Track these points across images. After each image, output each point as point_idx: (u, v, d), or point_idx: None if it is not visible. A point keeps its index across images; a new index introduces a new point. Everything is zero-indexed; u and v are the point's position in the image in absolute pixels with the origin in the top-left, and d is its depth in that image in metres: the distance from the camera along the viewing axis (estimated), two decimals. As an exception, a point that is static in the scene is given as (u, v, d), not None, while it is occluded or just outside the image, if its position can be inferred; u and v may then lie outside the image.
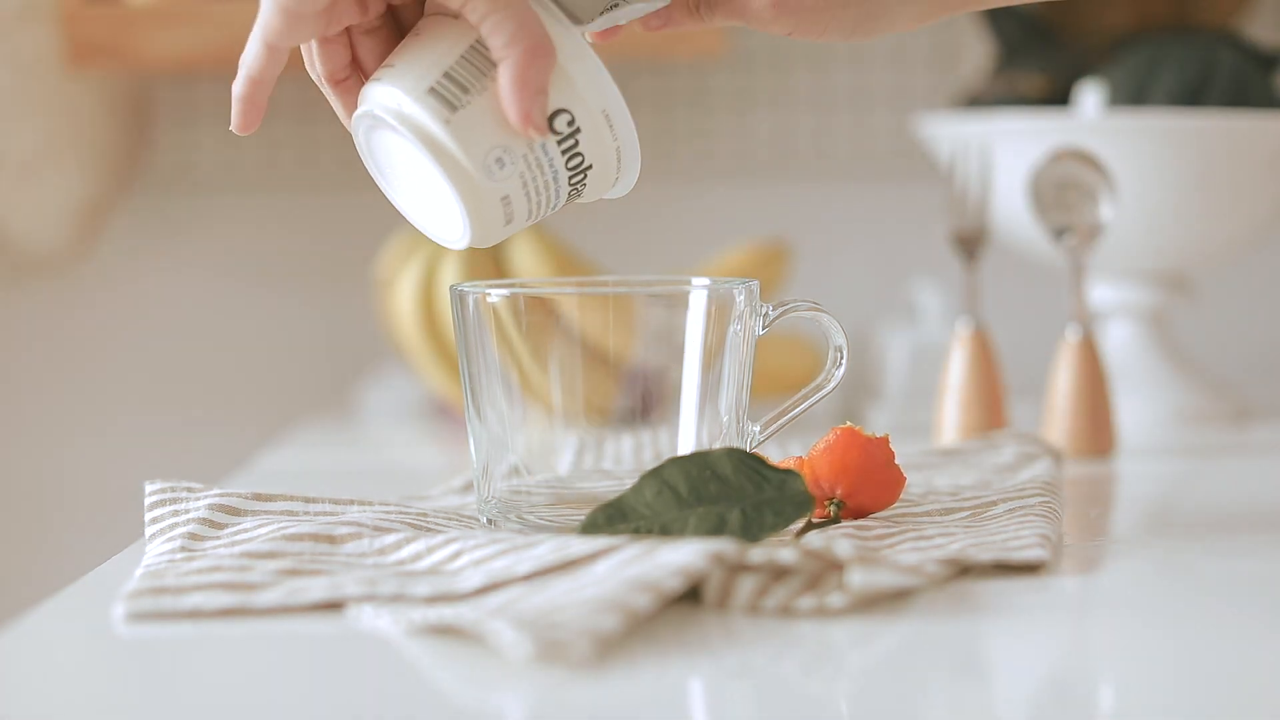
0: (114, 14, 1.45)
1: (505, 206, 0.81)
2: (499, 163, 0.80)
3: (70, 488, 1.65)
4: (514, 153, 0.80)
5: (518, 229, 0.83)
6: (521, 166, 0.81)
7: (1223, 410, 1.35)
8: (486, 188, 0.80)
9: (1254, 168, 1.32)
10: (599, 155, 0.82)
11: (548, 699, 0.66)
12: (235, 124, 0.84)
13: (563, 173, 0.82)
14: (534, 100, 0.79)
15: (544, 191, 0.82)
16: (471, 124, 0.80)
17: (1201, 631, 0.75)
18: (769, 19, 0.86)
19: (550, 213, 0.84)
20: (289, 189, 1.64)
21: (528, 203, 0.82)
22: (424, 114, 0.80)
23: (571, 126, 0.81)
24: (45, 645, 0.75)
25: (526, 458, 0.90)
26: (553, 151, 0.81)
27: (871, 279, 1.62)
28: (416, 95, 0.80)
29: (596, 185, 0.83)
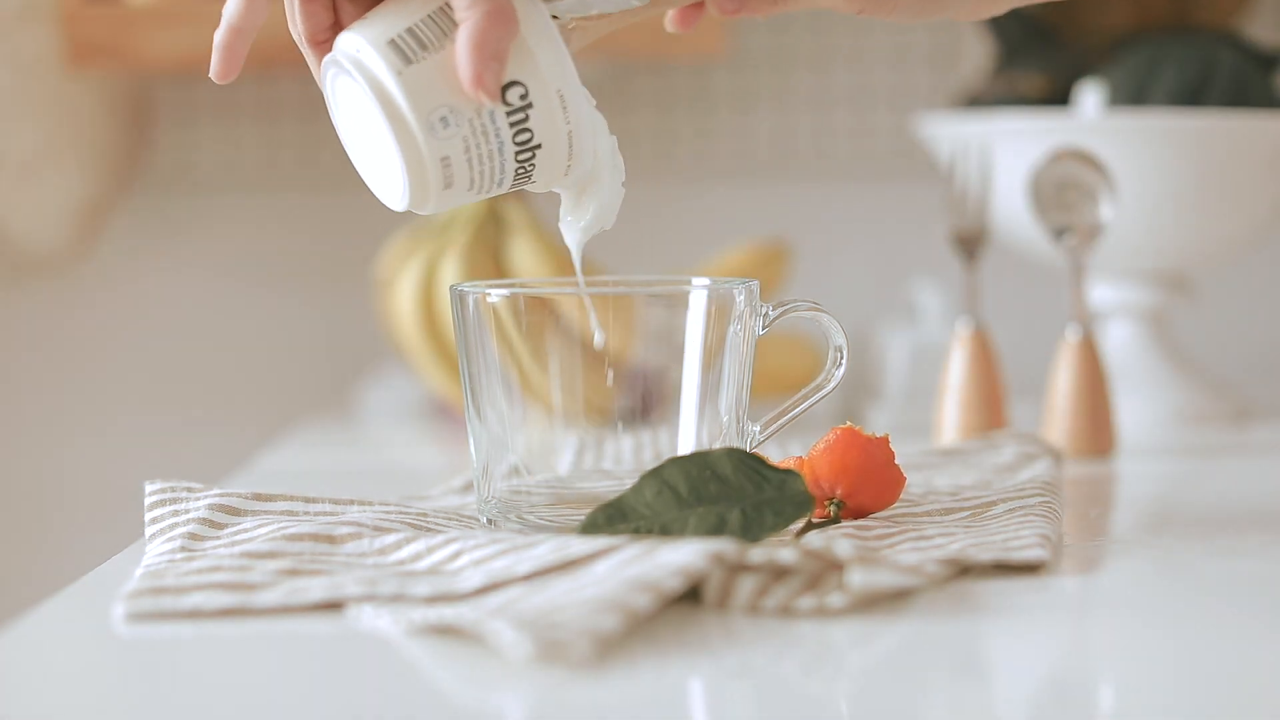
0: (114, 14, 1.45)
1: (445, 168, 0.81)
2: (443, 121, 0.80)
3: (70, 488, 1.65)
4: (460, 115, 0.80)
5: (458, 199, 0.83)
6: (466, 130, 0.80)
7: (1223, 410, 1.35)
8: (428, 144, 0.80)
9: (1254, 168, 1.32)
10: (549, 135, 0.82)
11: (548, 699, 0.66)
12: (214, 71, 0.85)
13: (509, 146, 0.81)
14: (486, 64, 0.79)
15: (488, 162, 0.81)
16: (423, 79, 0.80)
17: (1201, 631, 0.75)
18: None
19: (497, 190, 0.83)
20: (289, 189, 1.64)
21: (469, 170, 0.81)
22: (379, 63, 0.80)
23: (524, 100, 0.81)
24: (45, 645, 0.75)
25: (526, 458, 0.90)
26: (500, 121, 0.81)
27: (871, 279, 1.62)
28: (376, 45, 0.80)
29: (546, 169, 0.83)
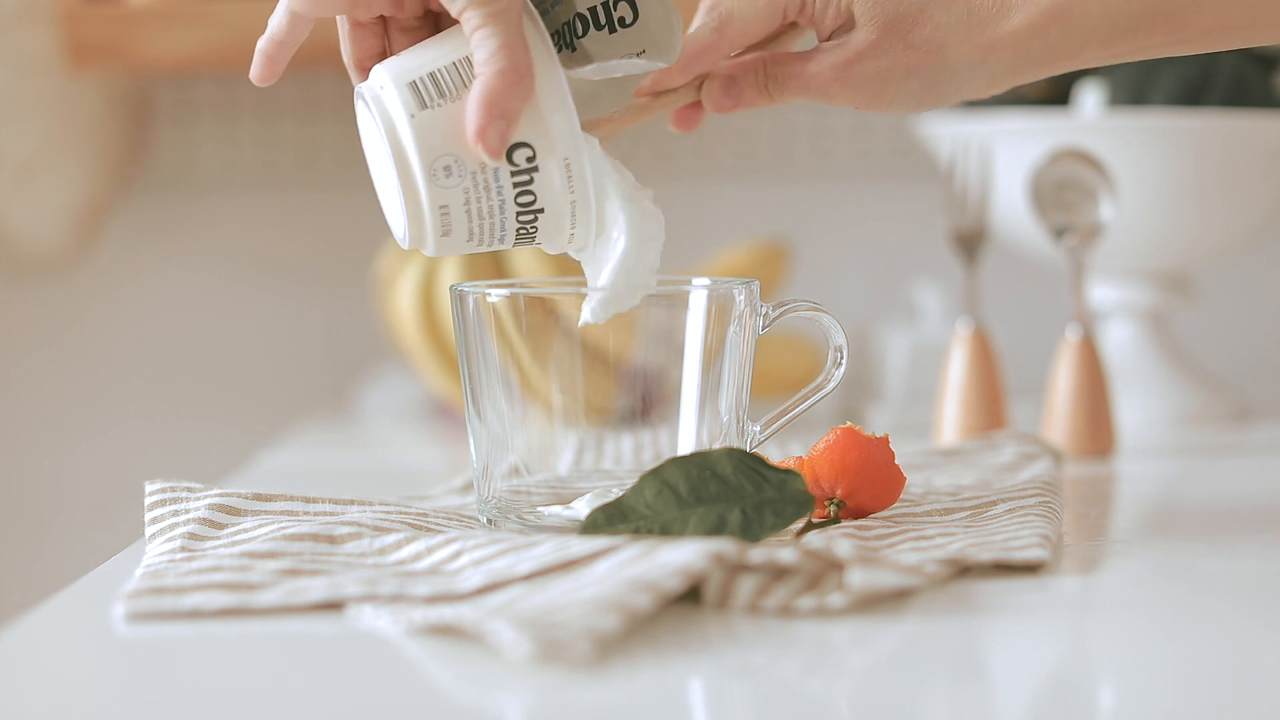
0: (114, 14, 1.45)
1: (442, 216, 0.82)
2: (446, 170, 0.81)
3: (70, 488, 1.65)
4: (464, 167, 0.81)
5: (458, 248, 0.84)
6: (468, 183, 0.81)
7: (1223, 410, 1.35)
8: (428, 190, 0.81)
9: (1254, 168, 1.32)
10: (551, 201, 0.83)
11: (548, 699, 0.66)
12: (254, 74, 0.86)
13: (510, 205, 0.82)
14: (493, 120, 0.80)
15: (487, 217, 0.82)
16: (434, 126, 0.81)
17: (1201, 631, 0.75)
18: (834, 92, 0.87)
19: (498, 245, 0.84)
20: (289, 189, 1.64)
21: (468, 222, 0.82)
22: (397, 103, 0.81)
23: (530, 163, 0.82)
24: (45, 645, 0.75)
25: (526, 458, 0.90)
26: (504, 180, 0.82)
27: (871, 279, 1.62)
28: (398, 85, 0.82)
29: (550, 234, 0.84)
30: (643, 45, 0.87)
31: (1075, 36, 0.86)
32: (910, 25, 0.86)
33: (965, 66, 0.87)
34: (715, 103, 0.90)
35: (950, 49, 0.86)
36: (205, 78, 1.62)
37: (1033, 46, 0.86)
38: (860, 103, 0.88)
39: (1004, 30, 0.86)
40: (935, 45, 0.86)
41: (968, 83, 0.87)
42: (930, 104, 0.88)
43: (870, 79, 0.87)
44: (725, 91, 0.90)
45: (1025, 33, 0.86)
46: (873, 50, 0.86)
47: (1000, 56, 0.86)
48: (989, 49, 0.86)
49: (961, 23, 0.86)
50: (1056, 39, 0.86)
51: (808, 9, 0.88)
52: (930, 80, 0.87)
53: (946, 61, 0.86)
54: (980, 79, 0.87)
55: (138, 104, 1.62)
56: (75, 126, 1.55)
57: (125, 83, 1.59)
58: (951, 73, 0.87)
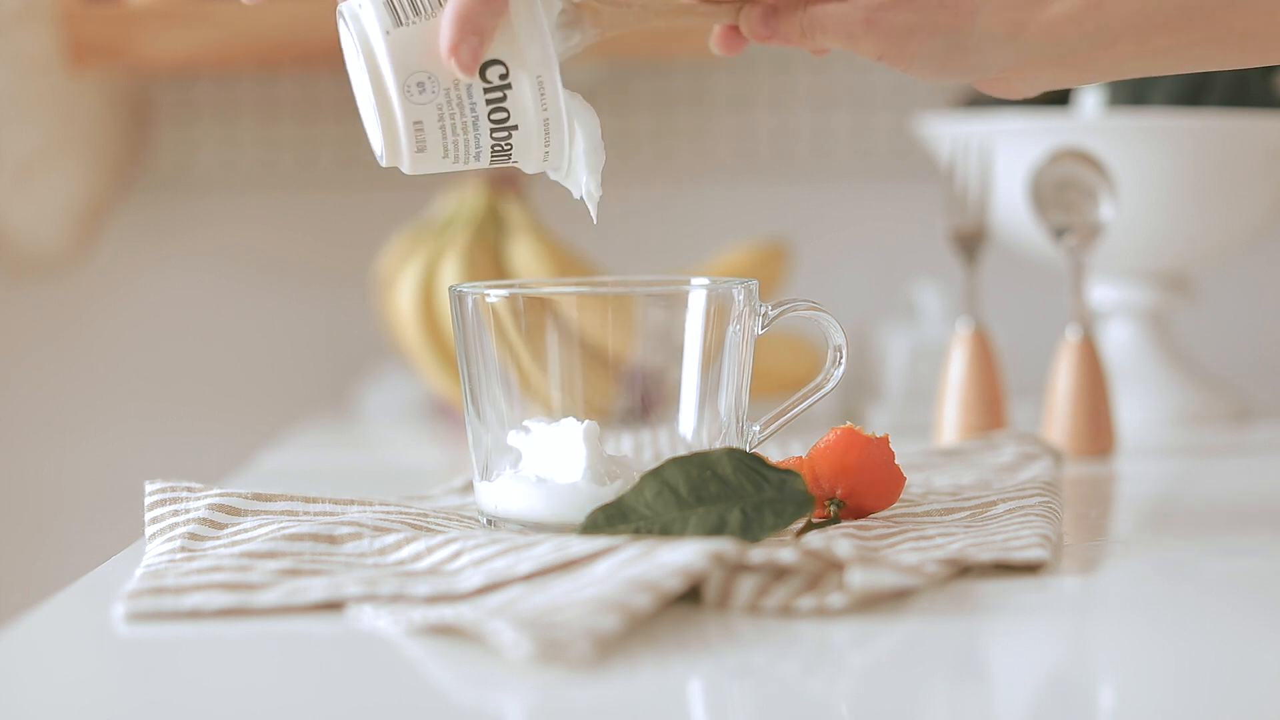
0: (114, 14, 1.45)
1: (417, 133, 0.83)
2: (420, 87, 0.82)
3: (70, 488, 1.65)
4: (437, 83, 0.82)
5: (434, 165, 0.84)
6: (441, 99, 0.82)
7: (1223, 410, 1.35)
8: (402, 106, 0.82)
9: (1253, 168, 1.32)
10: (524, 118, 0.83)
11: (548, 699, 0.66)
12: None
13: (484, 122, 0.83)
14: (465, 37, 0.81)
15: (462, 134, 0.83)
16: (408, 42, 0.82)
17: (1201, 631, 0.75)
18: (861, 35, 0.87)
19: (475, 164, 0.85)
20: (289, 189, 1.64)
21: (442, 138, 0.83)
22: (372, 19, 0.83)
23: (503, 80, 0.82)
24: (45, 645, 0.75)
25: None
26: (477, 96, 0.83)
27: (871, 279, 1.62)
28: (375, 2, 0.83)
29: (524, 152, 0.85)
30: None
31: (1110, 28, 0.85)
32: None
33: (993, 39, 0.86)
34: (752, 29, 0.90)
35: (982, 17, 0.86)
36: (205, 78, 1.62)
37: (1066, 33, 0.86)
38: (884, 52, 0.87)
39: (1041, 15, 0.86)
40: (969, 9, 0.86)
41: (992, 57, 0.87)
42: (950, 70, 0.88)
43: (898, 29, 0.86)
44: (764, 20, 0.89)
45: (1061, 20, 0.85)
46: (908, 1, 0.86)
47: (1030, 37, 0.86)
48: (1020, 26, 0.86)
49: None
50: (1091, 29, 0.85)
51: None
52: (956, 44, 0.86)
53: (976, 28, 0.86)
54: (1006, 55, 0.86)
55: (138, 104, 1.61)
56: (75, 126, 1.55)
57: (125, 83, 1.59)
58: (978, 41, 0.86)
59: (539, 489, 0.87)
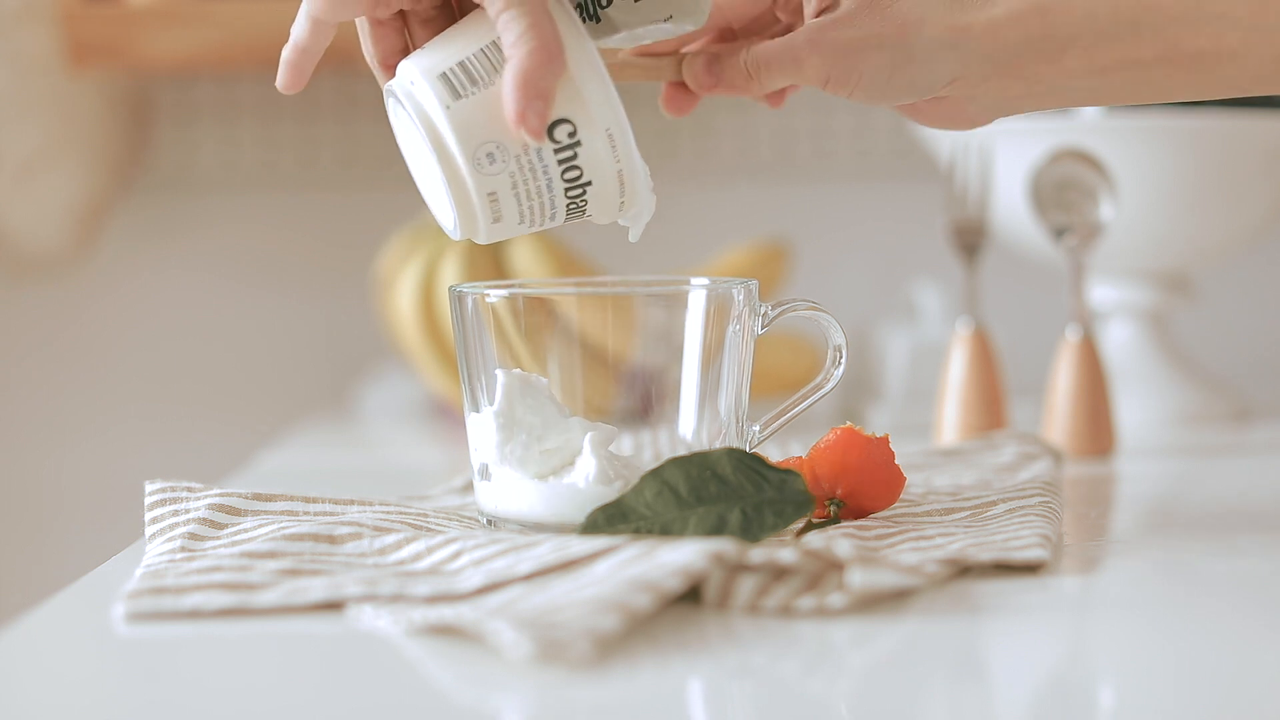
0: (114, 14, 1.45)
1: (492, 204, 0.82)
2: (490, 158, 0.81)
3: (70, 488, 1.65)
4: (507, 151, 0.81)
5: (510, 231, 0.83)
6: (513, 167, 0.81)
7: (1223, 410, 1.35)
8: (474, 179, 0.81)
9: (1254, 168, 1.32)
10: (599, 173, 0.82)
11: (548, 699, 0.66)
12: (281, 83, 0.86)
13: (558, 183, 0.82)
14: (530, 102, 0.79)
15: (536, 198, 0.82)
16: (471, 114, 0.81)
17: (1201, 631, 0.75)
18: (805, 57, 0.86)
19: (551, 224, 0.84)
20: (289, 189, 1.64)
21: (518, 205, 0.82)
22: (430, 96, 0.81)
23: (572, 138, 0.81)
24: (45, 645, 0.75)
25: (526, 458, 0.90)
26: (548, 159, 0.81)
27: (871, 279, 1.62)
28: (429, 77, 0.81)
29: (600, 205, 0.83)
30: (669, 11, 0.86)
31: (1057, 37, 0.84)
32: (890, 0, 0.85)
33: (937, 45, 0.85)
34: (696, 79, 0.89)
35: (926, 24, 0.85)
36: (205, 78, 1.62)
37: (1009, 39, 0.84)
38: (831, 73, 0.86)
39: (983, 16, 0.85)
40: (912, 20, 0.85)
41: (939, 67, 0.85)
42: (897, 86, 0.86)
43: (843, 46, 0.85)
44: (707, 69, 0.89)
45: (1004, 21, 0.84)
46: (849, 19, 0.85)
47: (975, 42, 0.85)
48: (963, 31, 0.85)
49: (941, 3, 0.85)
50: (1036, 34, 0.84)
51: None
52: (901, 57, 0.85)
53: (920, 38, 0.85)
54: (952, 65, 0.85)
55: (138, 104, 1.62)
56: (75, 126, 1.55)
57: (125, 83, 1.59)
58: (923, 51, 0.85)
59: (539, 489, 0.87)
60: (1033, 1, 0.84)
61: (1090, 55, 0.85)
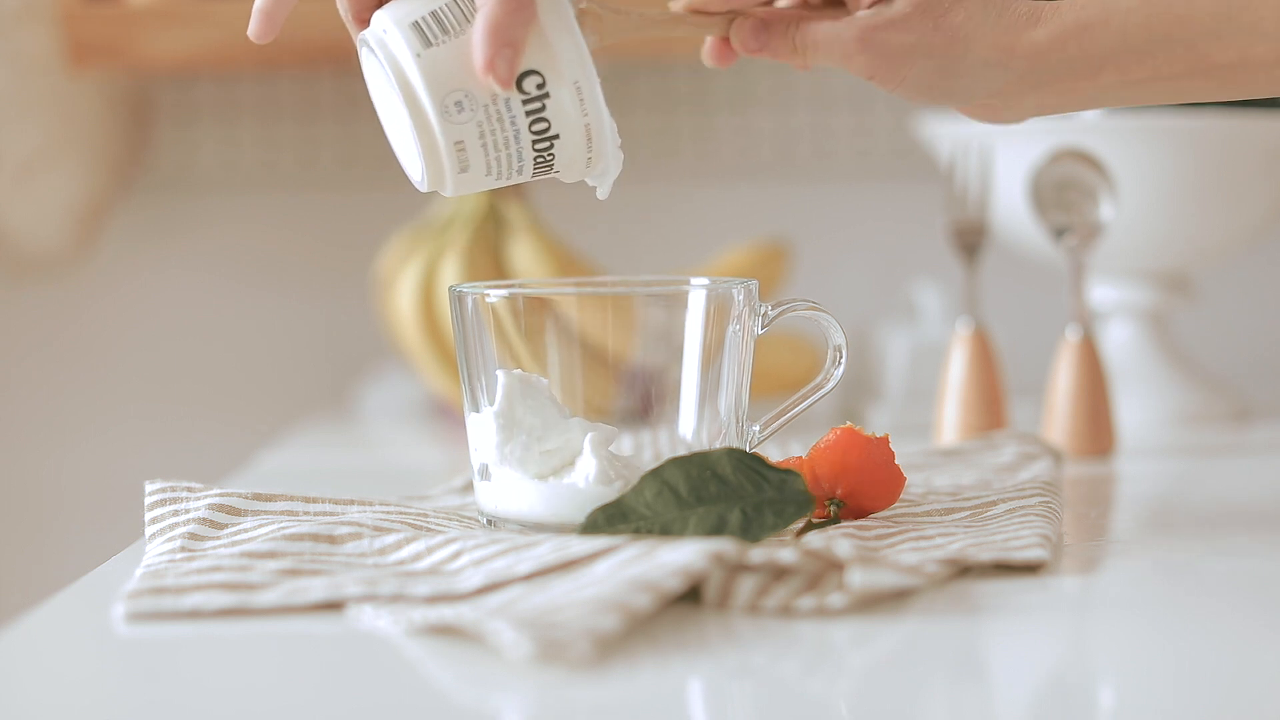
0: (114, 14, 1.45)
1: (459, 152, 0.82)
2: (458, 106, 0.81)
3: (70, 488, 1.65)
4: (475, 100, 0.81)
5: (478, 184, 0.84)
6: (481, 116, 0.81)
7: (1223, 410, 1.35)
8: (442, 128, 0.81)
9: (1254, 168, 1.32)
10: (566, 126, 0.82)
11: (548, 699, 0.66)
12: (252, 30, 0.86)
13: (525, 134, 0.82)
14: (499, 49, 0.80)
15: (504, 149, 0.82)
16: (441, 63, 0.81)
17: (1201, 631, 0.75)
18: (854, 54, 0.88)
19: (519, 178, 0.84)
20: (289, 189, 1.64)
21: (485, 155, 0.82)
22: (401, 44, 0.81)
23: (540, 90, 0.82)
24: (45, 645, 0.75)
25: (526, 458, 0.90)
26: (516, 109, 0.82)
27: (871, 279, 1.62)
28: (401, 26, 0.82)
29: (567, 161, 0.84)
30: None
31: (1093, 56, 0.87)
32: (945, 9, 0.87)
33: (984, 64, 0.87)
34: (743, 42, 0.91)
35: (975, 42, 0.87)
36: (205, 78, 1.62)
37: (1050, 60, 0.87)
38: (877, 72, 0.88)
39: (1028, 38, 0.87)
40: (962, 35, 0.87)
41: (983, 82, 0.88)
42: (941, 94, 0.89)
43: (893, 50, 0.88)
44: (754, 34, 0.90)
45: (1046, 44, 0.87)
46: (903, 22, 0.87)
47: (1018, 64, 0.87)
48: (1009, 52, 0.87)
49: (991, 20, 0.87)
50: (1075, 55, 0.87)
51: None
52: (948, 68, 0.88)
53: (968, 54, 0.87)
54: (992, 83, 0.88)
55: (138, 104, 1.61)
56: (75, 126, 1.55)
57: (125, 83, 1.59)
58: (969, 67, 0.88)
59: (539, 489, 0.87)
60: (1073, 23, 0.87)
61: (1124, 70, 0.87)
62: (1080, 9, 0.87)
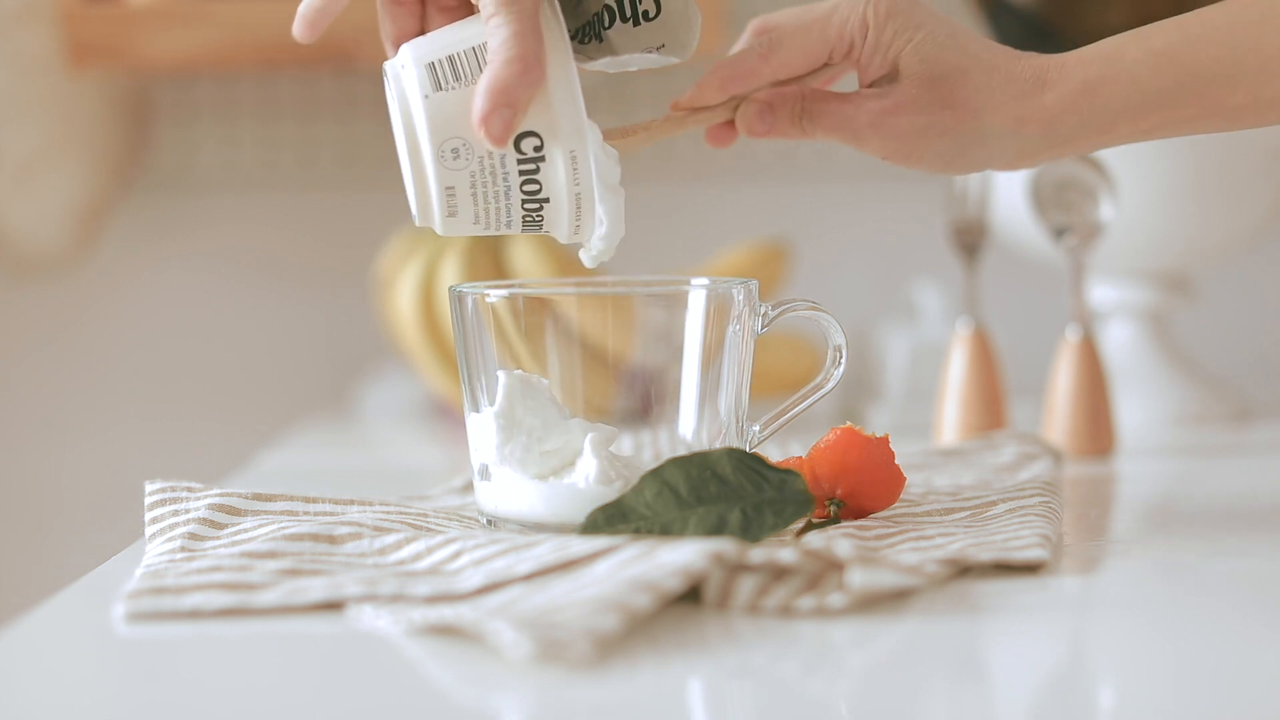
0: (114, 14, 1.45)
1: (449, 198, 0.83)
2: (454, 153, 0.82)
3: (70, 488, 1.65)
4: (472, 150, 0.82)
5: (465, 229, 0.84)
6: (475, 167, 0.82)
7: (1223, 410, 1.35)
8: (435, 170, 0.82)
9: (1254, 168, 1.32)
10: (556, 192, 0.83)
11: (548, 699, 0.66)
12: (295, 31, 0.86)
13: (516, 193, 0.83)
14: (498, 108, 0.80)
15: (493, 202, 0.83)
16: (446, 108, 0.82)
17: (1201, 631, 0.75)
18: (868, 138, 0.89)
19: (506, 230, 0.85)
20: (289, 189, 1.64)
21: (474, 205, 0.83)
22: (413, 82, 0.82)
23: (537, 152, 0.82)
24: (45, 645, 0.75)
25: (526, 458, 0.90)
26: (510, 166, 0.82)
27: (871, 279, 1.62)
28: (418, 64, 0.83)
29: (555, 224, 0.84)
30: (662, 40, 0.87)
31: (1107, 111, 0.87)
32: (951, 86, 0.87)
33: (997, 134, 0.88)
34: (749, 126, 0.91)
35: (986, 114, 0.87)
36: (205, 78, 1.62)
37: (1065, 121, 0.87)
38: (891, 153, 0.89)
39: (1038, 104, 0.87)
40: (972, 109, 0.87)
41: (999, 151, 0.88)
42: (958, 167, 0.89)
43: (906, 132, 0.88)
44: (760, 117, 0.91)
45: (1058, 108, 0.87)
46: (912, 104, 0.88)
47: (1032, 129, 0.88)
48: (1022, 120, 0.88)
49: (999, 89, 0.87)
50: (1088, 114, 0.87)
51: (854, 52, 0.89)
52: (963, 143, 0.88)
53: (980, 126, 0.88)
54: (1010, 150, 0.88)
55: (138, 104, 1.62)
56: (75, 126, 1.55)
57: (125, 83, 1.59)
58: (984, 138, 0.88)
59: (539, 489, 0.87)
60: (1081, 82, 0.87)
61: (1138, 121, 0.88)
62: (1086, 65, 0.87)
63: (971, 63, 0.88)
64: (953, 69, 0.87)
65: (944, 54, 0.88)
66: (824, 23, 0.89)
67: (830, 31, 0.89)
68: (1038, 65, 0.88)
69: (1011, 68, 0.88)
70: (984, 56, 0.88)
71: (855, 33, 0.89)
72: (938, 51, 0.88)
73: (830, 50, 0.89)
